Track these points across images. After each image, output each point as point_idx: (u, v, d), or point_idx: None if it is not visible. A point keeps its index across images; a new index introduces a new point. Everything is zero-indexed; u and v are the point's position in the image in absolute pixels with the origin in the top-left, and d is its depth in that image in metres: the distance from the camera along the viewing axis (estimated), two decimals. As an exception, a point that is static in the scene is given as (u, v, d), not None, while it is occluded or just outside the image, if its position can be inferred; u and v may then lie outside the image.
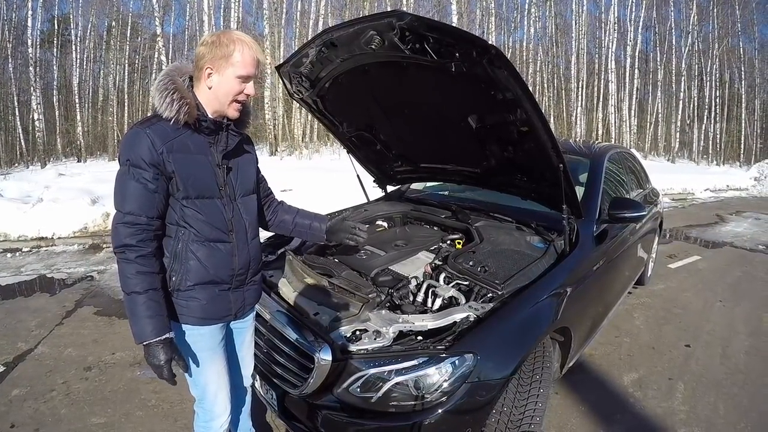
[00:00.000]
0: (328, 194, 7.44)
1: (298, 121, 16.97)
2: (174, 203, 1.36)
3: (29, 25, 15.18)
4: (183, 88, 1.33)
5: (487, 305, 1.76)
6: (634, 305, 3.93)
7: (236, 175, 1.48)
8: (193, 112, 1.33)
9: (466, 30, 1.85)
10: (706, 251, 5.98)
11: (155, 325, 1.30)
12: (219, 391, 1.55)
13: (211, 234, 1.40)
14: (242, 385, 1.78)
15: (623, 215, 2.53)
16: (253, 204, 1.57)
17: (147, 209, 1.30)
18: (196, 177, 1.36)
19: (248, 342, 1.73)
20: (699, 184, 12.80)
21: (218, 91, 1.35)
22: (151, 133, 1.28)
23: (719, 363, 3.00)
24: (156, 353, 1.31)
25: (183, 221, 1.37)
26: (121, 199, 1.30)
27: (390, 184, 3.42)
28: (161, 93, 1.30)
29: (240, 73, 1.33)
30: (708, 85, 22.28)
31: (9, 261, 5.19)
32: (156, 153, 1.28)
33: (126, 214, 1.29)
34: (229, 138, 1.44)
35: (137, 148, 1.27)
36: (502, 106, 1.90)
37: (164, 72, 1.36)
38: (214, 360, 1.52)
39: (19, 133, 16.46)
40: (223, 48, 1.31)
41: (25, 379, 2.73)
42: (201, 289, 1.42)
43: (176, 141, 1.32)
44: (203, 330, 1.46)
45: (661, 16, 22.54)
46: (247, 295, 1.57)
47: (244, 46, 1.32)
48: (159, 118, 1.31)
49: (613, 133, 19.83)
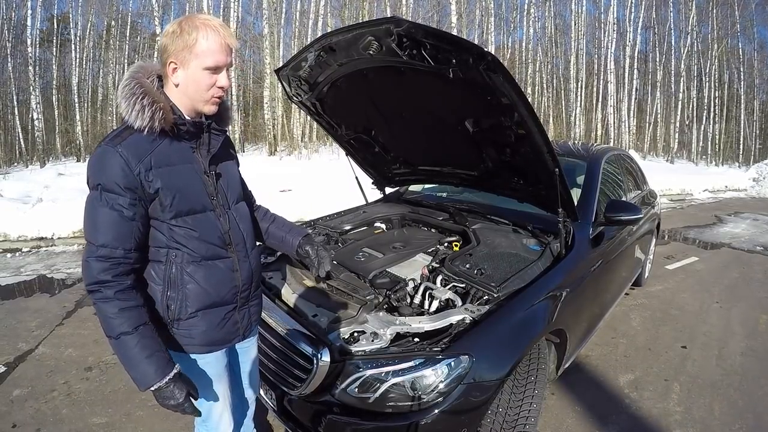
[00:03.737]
0: (327, 195, 7.46)
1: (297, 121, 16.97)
2: (159, 225, 1.20)
3: (28, 24, 15.13)
4: (153, 91, 1.15)
5: (483, 307, 1.79)
6: (631, 306, 3.96)
7: (226, 181, 1.33)
8: (169, 116, 1.16)
9: (465, 33, 1.87)
10: (704, 252, 6.01)
11: (158, 364, 1.15)
12: (224, 411, 1.46)
13: (208, 252, 1.25)
14: (250, 396, 1.74)
15: (619, 218, 2.55)
16: (246, 210, 1.43)
17: (124, 240, 1.13)
18: (184, 191, 1.20)
19: (253, 356, 1.63)
20: (697, 184, 12.81)
21: (186, 88, 1.17)
22: (124, 150, 1.11)
23: (715, 364, 3.03)
24: (169, 395, 1.17)
25: (174, 242, 1.21)
26: (93, 229, 1.12)
27: (388, 186, 3.45)
28: (128, 99, 1.12)
29: (207, 63, 1.14)
30: (707, 85, 22.27)
31: (9, 261, 5.21)
32: (132, 174, 1.11)
33: (99, 246, 1.11)
34: (212, 139, 1.27)
35: (109, 170, 1.10)
36: (498, 111, 1.93)
37: (128, 74, 1.18)
38: (221, 383, 1.42)
39: (18, 133, 16.44)
40: (185, 36, 1.11)
41: (26, 379, 2.75)
42: (204, 315, 1.28)
43: (154, 154, 1.15)
44: (209, 357, 1.35)
45: (660, 17, 22.55)
46: (253, 310, 1.46)
47: (209, 31, 1.12)
48: (130, 130, 1.14)
49: (612, 134, 19.84)
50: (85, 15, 18.49)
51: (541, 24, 21.65)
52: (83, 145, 16.30)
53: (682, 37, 21.79)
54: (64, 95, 18.11)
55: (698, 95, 22.51)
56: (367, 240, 2.63)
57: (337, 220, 2.99)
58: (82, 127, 16.76)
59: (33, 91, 14.74)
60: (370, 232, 2.88)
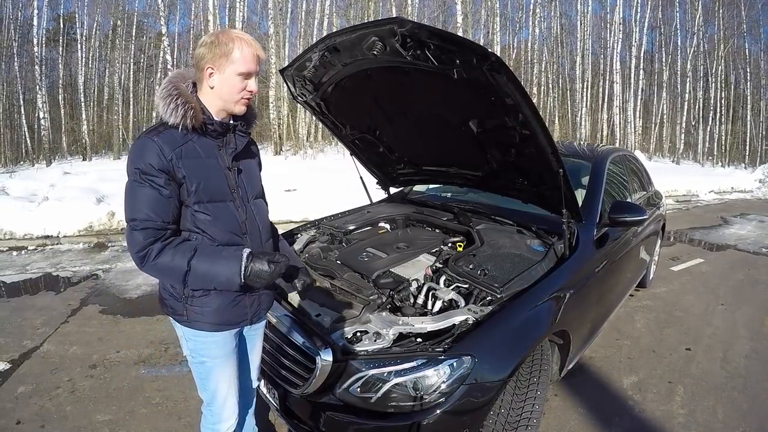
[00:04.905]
0: (332, 194, 7.46)
1: (302, 121, 16.99)
2: (185, 210, 1.35)
3: (35, 24, 15.22)
4: (187, 93, 1.33)
5: (486, 308, 1.78)
6: (636, 308, 3.94)
7: (247, 177, 1.49)
8: (199, 116, 1.32)
9: (470, 33, 1.87)
10: (710, 254, 5.97)
11: (230, 254, 1.29)
12: (228, 397, 1.55)
13: (225, 238, 1.38)
14: (250, 387, 1.80)
15: (624, 219, 2.53)
16: (265, 207, 1.58)
17: (162, 214, 1.28)
18: (208, 181, 1.35)
19: (258, 346, 1.73)
20: (703, 185, 12.74)
21: (221, 90, 1.35)
22: (159, 140, 1.28)
23: (719, 367, 3.01)
24: (258, 271, 1.28)
25: (195, 227, 1.36)
26: (134, 206, 1.27)
27: (392, 186, 3.45)
28: (165, 100, 1.30)
29: (241, 70, 1.32)
30: (713, 86, 22.15)
31: (15, 259, 5.25)
32: (165, 159, 1.27)
33: (140, 221, 1.26)
34: (237, 139, 1.44)
35: (146, 156, 1.26)
36: (502, 111, 1.92)
37: (167, 79, 1.37)
38: (226, 366, 1.51)
39: (24, 132, 16.61)
40: (222, 47, 1.30)
41: (30, 376, 2.78)
42: (217, 294, 1.40)
43: (185, 147, 1.31)
44: (217, 336, 1.45)
45: (666, 17, 22.44)
46: (263, 299, 1.56)
47: (243, 43, 1.32)
48: (165, 125, 1.31)
49: (617, 134, 19.76)
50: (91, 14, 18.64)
51: (546, 24, 21.60)
52: (89, 144, 16.41)
53: (688, 37, 21.70)
54: (70, 94, 18.25)
55: (704, 96, 22.37)
56: (371, 240, 2.63)
57: (342, 219, 3.00)
58: (88, 126, 16.88)
59: (39, 90, 14.85)
60: (374, 232, 2.88)
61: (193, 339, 1.45)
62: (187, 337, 1.46)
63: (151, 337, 3.26)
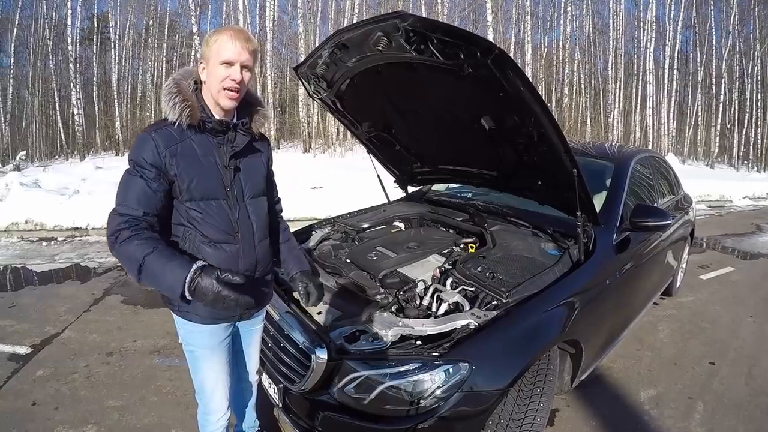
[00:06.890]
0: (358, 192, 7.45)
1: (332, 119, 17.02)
2: (179, 206, 1.39)
3: (69, 24, 15.80)
4: (186, 91, 1.35)
5: (491, 313, 1.72)
6: (660, 317, 3.79)
7: (245, 176, 1.48)
8: (195, 114, 1.34)
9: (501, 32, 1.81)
10: (741, 263, 5.70)
11: (181, 262, 1.23)
12: (216, 389, 1.57)
13: (216, 235, 1.40)
14: (248, 380, 1.82)
15: (646, 223, 2.43)
16: (263, 206, 1.56)
17: (145, 205, 1.30)
18: (201, 179, 1.36)
19: (256, 341, 1.75)
20: (737, 191, 12.19)
21: (209, 82, 1.37)
22: (156, 136, 1.31)
23: (744, 383, 2.85)
24: (205, 288, 1.19)
25: (188, 222, 1.39)
26: (122, 193, 1.31)
27: (410, 185, 3.41)
28: (166, 97, 1.34)
29: (222, 58, 1.32)
30: (749, 87, 21.15)
31: (44, 249, 5.46)
32: (159, 156, 1.30)
33: (123, 205, 1.29)
34: (238, 138, 1.43)
35: (142, 150, 1.31)
36: (511, 107, 1.87)
37: (171, 77, 1.40)
38: (211, 358, 1.54)
39: (59, 127, 17.22)
40: (209, 40, 1.35)
41: (50, 360, 2.87)
42: None
43: (181, 144, 1.34)
44: (204, 328, 1.48)
45: (700, 16, 21.54)
46: (257, 297, 1.52)
47: (224, 33, 1.33)
48: (165, 122, 1.35)
49: (650, 137, 19.13)
50: (125, 14, 19.18)
51: (578, 22, 21.06)
52: (122, 140, 16.90)
53: (723, 36, 20.75)
54: (104, 92, 18.83)
55: (740, 97, 21.39)
56: (382, 239, 2.60)
57: (357, 217, 2.98)
58: (121, 122, 17.41)
59: (74, 87, 15.41)
60: (387, 230, 2.85)
61: (183, 327, 1.51)
62: (178, 325, 1.53)
63: (168, 327, 3.32)
